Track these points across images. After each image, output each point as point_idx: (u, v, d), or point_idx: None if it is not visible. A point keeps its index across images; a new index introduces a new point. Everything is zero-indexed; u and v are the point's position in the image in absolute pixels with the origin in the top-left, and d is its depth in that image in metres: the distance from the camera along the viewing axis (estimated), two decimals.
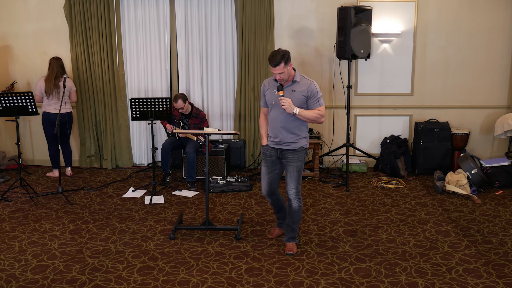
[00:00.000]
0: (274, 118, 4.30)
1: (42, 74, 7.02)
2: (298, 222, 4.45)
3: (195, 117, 6.40)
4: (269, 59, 4.12)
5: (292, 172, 4.31)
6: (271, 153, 4.38)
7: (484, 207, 5.53)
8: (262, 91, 4.40)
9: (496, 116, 6.90)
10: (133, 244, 4.62)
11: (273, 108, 4.30)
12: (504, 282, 3.87)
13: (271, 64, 4.11)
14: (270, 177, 4.42)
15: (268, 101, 4.34)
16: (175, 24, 6.91)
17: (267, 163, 4.41)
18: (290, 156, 4.31)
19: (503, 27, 6.77)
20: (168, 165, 6.37)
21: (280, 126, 4.26)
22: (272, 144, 4.35)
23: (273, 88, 4.27)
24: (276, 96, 4.23)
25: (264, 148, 4.43)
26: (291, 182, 4.34)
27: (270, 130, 4.36)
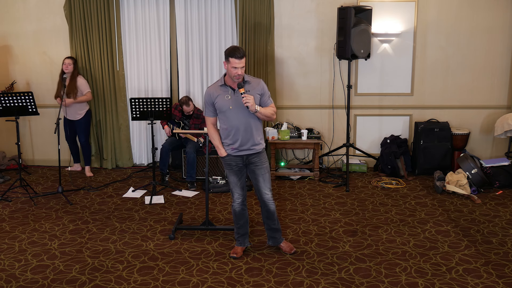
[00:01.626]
0: (233, 124, 4.08)
1: (42, 74, 7.04)
2: (278, 221, 4.42)
3: (196, 118, 6.40)
4: (234, 50, 3.94)
5: (263, 174, 4.21)
6: (236, 162, 4.18)
7: (484, 207, 5.53)
8: (209, 100, 4.13)
9: (496, 116, 6.89)
10: (133, 244, 4.62)
11: (230, 113, 4.07)
12: (504, 282, 3.87)
13: (236, 56, 3.92)
14: (241, 182, 4.28)
15: (221, 108, 4.09)
16: (175, 24, 6.91)
17: (234, 172, 4.22)
18: (258, 159, 4.19)
19: (503, 27, 6.77)
20: (166, 165, 6.38)
21: (242, 130, 4.09)
22: (235, 152, 4.15)
23: (224, 93, 4.09)
24: (231, 100, 4.06)
25: (227, 159, 4.20)
26: (265, 186, 4.23)
27: (229, 138, 4.14)
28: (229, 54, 3.96)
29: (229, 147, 4.18)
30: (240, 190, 4.29)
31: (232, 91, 4.09)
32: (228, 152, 4.19)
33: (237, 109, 4.07)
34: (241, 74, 3.99)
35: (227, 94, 4.09)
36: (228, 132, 4.15)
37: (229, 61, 3.97)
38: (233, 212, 4.39)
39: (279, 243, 4.45)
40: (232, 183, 4.29)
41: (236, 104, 4.07)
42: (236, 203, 4.33)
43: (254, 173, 4.23)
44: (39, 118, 6.82)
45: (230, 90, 4.10)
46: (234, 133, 4.12)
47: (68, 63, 6.41)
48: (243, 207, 4.34)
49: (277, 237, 4.44)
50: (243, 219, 4.39)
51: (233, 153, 4.18)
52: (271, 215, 4.33)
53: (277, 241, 4.45)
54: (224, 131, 4.18)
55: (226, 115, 4.11)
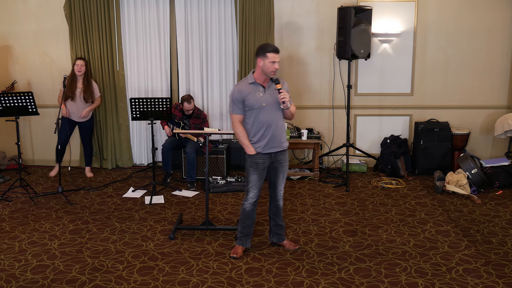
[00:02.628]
0: (264, 121, 4.09)
1: (42, 74, 7.04)
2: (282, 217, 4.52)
3: (196, 117, 6.40)
4: (270, 45, 4.04)
5: (284, 172, 4.30)
6: (264, 160, 4.18)
7: (484, 207, 5.53)
8: (239, 98, 4.09)
9: (496, 116, 6.89)
10: (133, 244, 4.62)
11: (262, 110, 4.08)
12: (504, 282, 3.87)
13: (275, 50, 4.02)
14: (261, 182, 4.28)
15: (253, 106, 4.08)
16: (175, 24, 6.91)
17: (259, 171, 4.20)
18: (283, 156, 4.26)
19: (503, 27, 6.77)
20: (170, 165, 6.38)
21: (273, 128, 4.12)
22: (265, 149, 4.14)
23: (255, 91, 4.10)
24: (264, 97, 4.09)
25: (255, 157, 4.16)
26: (282, 183, 4.33)
27: (259, 135, 4.13)
28: (267, 50, 4.03)
29: (258, 145, 4.16)
30: (257, 190, 4.28)
31: (263, 88, 4.12)
32: (258, 150, 4.16)
33: (270, 106, 4.11)
34: (277, 68, 4.08)
35: (259, 91, 4.11)
36: (258, 130, 4.13)
37: (267, 56, 4.02)
38: (242, 210, 4.37)
39: (283, 240, 4.51)
40: (252, 182, 4.24)
41: (268, 100, 4.10)
42: (249, 202, 4.30)
43: (276, 170, 4.27)
44: (39, 118, 6.82)
45: (261, 87, 4.12)
46: (265, 130, 4.12)
47: (81, 64, 6.33)
48: (253, 208, 4.34)
49: (281, 233, 4.51)
50: (250, 220, 4.38)
51: (263, 151, 4.16)
52: (280, 211, 4.42)
53: (281, 238, 4.52)
54: (252, 129, 4.15)
55: (259, 112, 4.10)
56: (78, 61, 6.38)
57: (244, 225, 4.39)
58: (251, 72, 4.19)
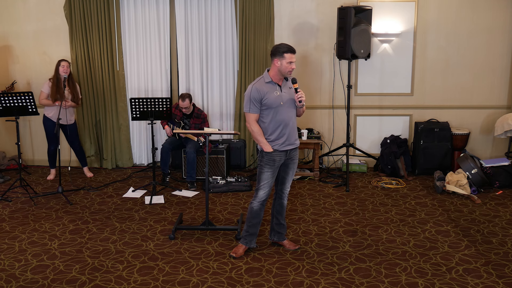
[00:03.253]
0: (282, 119, 4.15)
1: (42, 74, 7.03)
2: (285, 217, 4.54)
3: (196, 117, 6.40)
4: (287, 46, 4.07)
5: (294, 169, 4.38)
6: (280, 157, 4.21)
7: (484, 207, 5.53)
8: (257, 97, 4.12)
9: (496, 116, 6.90)
10: (133, 244, 4.62)
11: (280, 109, 4.14)
12: (504, 282, 3.87)
13: (291, 51, 4.05)
14: (273, 181, 4.32)
15: (271, 105, 4.12)
16: (175, 24, 6.91)
17: (273, 169, 4.23)
18: (295, 153, 4.34)
19: (503, 27, 6.77)
20: (167, 166, 6.38)
21: (289, 126, 4.21)
22: (282, 147, 4.19)
23: (273, 90, 4.15)
24: (281, 96, 4.15)
25: (272, 155, 4.18)
26: (290, 180, 4.40)
27: (276, 133, 4.17)
28: (285, 51, 4.06)
29: (275, 143, 4.20)
30: (268, 189, 4.29)
31: (279, 87, 4.18)
32: (275, 147, 4.20)
33: (288, 105, 4.20)
34: (294, 68, 4.14)
35: (276, 90, 4.17)
36: (275, 128, 4.18)
37: (284, 57, 4.06)
38: (249, 209, 4.36)
39: (283, 239, 4.52)
40: (264, 180, 4.25)
41: (286, 99, 4.18)
42: (257, 202, 4.30)
43: (287, 167, 4.32)
44: (39, 118, 6.81)
45: (277, 86, 4.18)
46: (282, 128, 4.19)
47: (67, 65, 6.29)
48: (261, 207, 4.34)
49: (282, 233, 4.52)
50: (257, 219, 4.38)
51: (280, 148, 4.21)
52: (283, 209, 4.45)
53: (282, 238, 4.53)
54: (269, 127, 4.20)
55: (277, 111, 4.16)
56: (63, 62, 6.28)
57: (250, 224, 4.38)
58: (266, 71, 4.22)
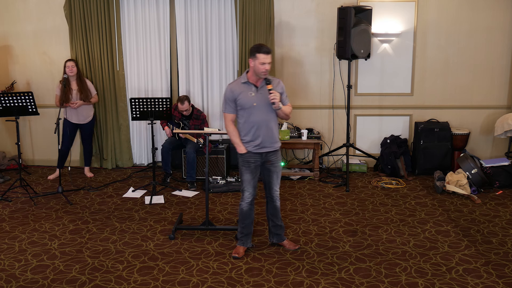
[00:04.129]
0: (255, 121, 4.12)
1: (42, 74, 7.04)
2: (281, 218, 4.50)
3: (195, 118, 6.40)
4: (261, 46, 4.01)
5: (278, 172, 4.30)
6: (255, 159, 4.20)
7: (484, 207, 5.53)
8: (231, 97, 4.14)
9: (496, 116, 6.90)
10: (133, 244, 4.62)
11: (254, 110, 4.11)
12: (504, 282, 3.87)
13: (263, 51, 3.98)
14: (255, 181, 4.30)
15: (244, 105, 4.12)
16: (175, 24, 6.91)
17: (250, 170, 4.23)
18: (275, 157, 4.25)
19: (503, 27, 6.77)
20: (169, 165, 6.38)
21: (264, 128, 4.14)
22: (255, 149, 4.17)
23: (247, 90, 4.12)
24: (255, 97, 4.10)
25: (246, 156, 4.20)
26: (277, 183, 4.33)
27: (250, 135, 4.16)
28: (257, 50, 4.02)
29: (249, 144, 4.19)
30: (252, 189, 4.30)
31: (255, 88, 4.13)
32: (249, 149, 4.20)
33: (261, 106, 4.12)
34: (268, 69, 4.06)
35: (251, 91, 4.13)
36: (249, 129, 4.16)
37: (257, 57, 4.02)
38: (240, 211, 4.38)
39: (283, 240, 4.51)
40: (246, 181, 4.28)
41: (260, 101, 4.12)
42: (245, 202, 4.32)
43: (269, 171, 4.28)
44: (39, 118, 6.82)
45: (253, 87, 4.13)
46: (256, 130, 4.15)
47: (72, 65, 6.31)
48: (250, 207, 4.35)
49: (281, 233, 4.50)
50: (249, 219, 4.39)
51: (253, 150, 4.19)
52: (277, 212, 4.41)
53: (281, 238, 4.51)
54: (244, 128, 4.19)
55: (250, 112, 4.13)
56: (68, 62, 6.32)
57: (243, 225, 4.40)
58: (245, 72, 4.20)
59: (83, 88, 6.41)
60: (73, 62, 6.35)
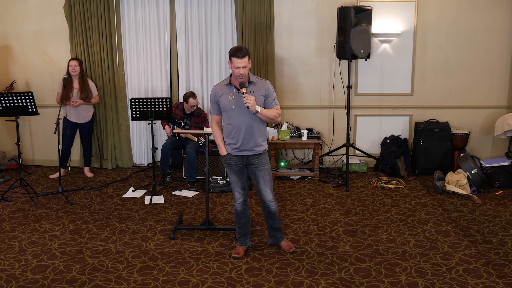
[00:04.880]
0: (234, 124, 4.10)
1: (42, 74, 7.04)
2: (280, 220, 4.44)
3: (197, 116, 6.40)
4: (236, 50, 3.96)
5: (264, 176, 4.21)
6: (236, 161, 4.20)
7: (484, 207, 5.53)
8: (214, 99, 4.17)
9: (496, 116, 6.90)
10: (133, 244, 4.62)
11: (233, 113, 4.09)
12: (504, 282, 3.87)
13: (237, 55, 3.94)
14: (242, 182, 4.28)
15: (224, 107, 4.12)
16: (175, 24, 6.91)
17: (233, 171, 4.23)
18: (258, 160, 4.19)
19: (503, 27, 6.77)
20: (167, 166, 6.38)
21: (243, 131, 4.10)
22: (236, 152, 4.16)
23: (228, 92, 4.11)
24: (235, 99, 4.09)
25: (227, 158, 4.21)
26: (266, 187, 4.23)
27: (231, 137, 4.15)
28: (232, 54, 4.00)
29: (230, 146, 4.20)
30: (240, 189, 4.30)
31: (236, 90, 4.12)
32: (229, 151, 4.21)
33: (240, 109, 4.09)
34: (243, 73, 4.01)
35: (231, 93, 4.12)
36: (229, 131, 4.17)
37: (232, 60, 4.01)
38: (234, 211, 4.40)
39: (279, 241, 4.48)
40: (233, 183, 4.31)
41: (238, 104, 4.09)
42: (237, 203, 4.34)
43: (254, 174, 4.24)
44: (39, 118, 6.82)
45: (235, 89, 4.12)
46: (235, 132, 4.13)
47: (74, 64, 6.33)
48: (244, 207, 4.35)
49: (277, 236, 4.47)
50: (245, 219, 4.39)
51: (233, 153, 4.20)
52: (272, 215, 4.35)
53: (278, 240, 4.48)
54: (226, 130, 4.21)
55: (229, 114, 4.14)
56: (71, 61, 6.35)
57: (239, 225, 4.40)
58: (230, 74, 4.17)
59: (84, 88, 6.42)
60: (77, 61, 6.37)
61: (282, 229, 4.57)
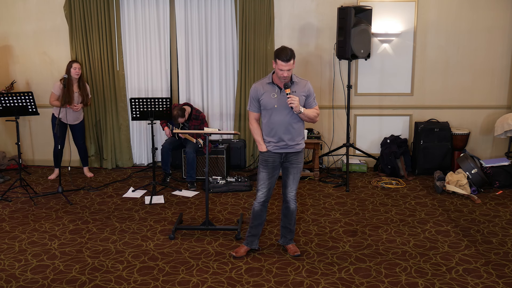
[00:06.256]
0: (276, 122, 4.13)
1: (42, 74, 7.04)
2: (295, 223, 4.44)
3: (195, 119, 6.39)
4: (280, 53, 3.96)
5: (295, 174, 4.27)
6: (274, 158, 4.21)
7: (484, 207, 5.53)
8: (255, 96, 4.17)
9: (496, 116, 6.90)
10: (133, 244, 4.62)
11: (274, 111, 4.12)
12: (504, 282, 3.87)
13: (282, 58, 3.94)
14: (271, 182, 4.28)
15: (266, 106, 4.14)
16: (175, 24, 6.91)
17: (268, 169, 4.23)
18: (295, 158, 4.24)
19: (503, 27, 6.77)
20: (169, 165, 6.38)
21: (284, 129, 4.14)
22: (276, 149, 4.18)
23: (271, 91, 4.13)
24: (277, 98, 4.11)
25: (265, 155, 4.22)
26: (293, 184, 4.28)
27: (271, 135, 4.17)
28: (277, 56, 3.98)
29: (270, 144, 4.20)
30: (266, 190, 4.27)
31: (278, 89, 4.12)
32: (269, 148, 4.21)
33: (282, 108, 4.11)
34: (287, 76, 4.02)
35: (274, 92, 4.13)
36: (270, 130, 4.18)
37: (277, 62, 4.00)
38: (252, 210, 4.37)
39: (288, 243, 4.46)
40: (261, 180, 4.26)
41: (281, 103, 4.10)
42: (257, 202, 4.30)
43: (287, 170, 4.26)
44: (39, 118, 6.81)
45: (277, 88, 4.13)
46: (276, 130, 4.15)
47: (78, 67, 6.30)
48: (262, 208, 4.33)
49: (288, 237, 4.46)
50: (259, 220, 4.36)
51: (273, 150, 4.20)
52: (290, 213, 4.36)
53: (287, 242, 4.47)
54: (266, 128, 4.21)
55: (270, 113, 4.15)
56: (75, 64, 6.30)
57: (252, 225, 4.38)
58: (272, 72, 4.19)
59: (84, 92, 6.42)
60: (79, 64, 6.36)
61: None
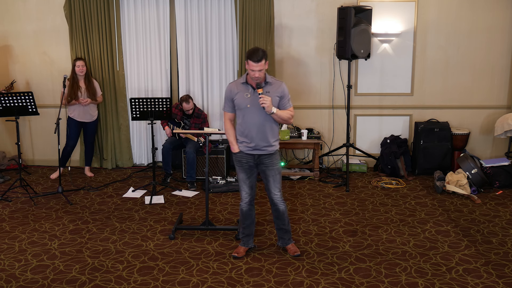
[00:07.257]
0: (248, 122, 4.12)
1: (42, 74, 7.04)
2: (288, 222, 4.42)
3: (196, 117, 6.40)
4: (251, 54, 3.97)
5: (274, 176, 4.23)
6: (247, 159, 4.20)
7: (484, 207, 5.53)
8: (228, 96, 4.18)
9: (496, 116, 6.90)
10: (133, 244, 4.62)
11: (247, 112, 4.11)
12: (504, 282, 3.87)
13: (252, 59, 3.95)
14: (251, 181, 4.28)
15: (239, 106, 4.13)
16: (175, 24, 6.91)
17: (244, 169, 4.23)
18: (269, 160, 4.20)
19: (503, 27, 6.77)
20: (170, 165, 6.38)
21: (257, 130, 4.12)
22: (248, 150, 4.17)
23: (244, 91, 4.12)
24: (250, 98, 4.09)
25: (238, 156, 4.22)
26: (275, 187, 4.24)
27: (244, 135, 4.16)
28: (248, 57, 4.00)
29: (242, 145, 4.20)
30: (248, 189, 4.28)
31: (252, 89, 4.12)
32: (241, 149, 4.20)
33: (254, 109, 4.09)
34: (258, 76, 4.01)
35: (247, 92, 4.13)
36: (243, 130, 4.17)
37: (248, 62, 4.02)
38: (240, 211, 4.39)
39: (287, 244, 4.44)
40: (241, 181, 4.29)
41: (253, 103, 4.09)
42: (243, 203, 4.32)
43: (264, 173, 4.25)
44: (39, 118, 6.82)
45: (251, 88, 4.12)
46: (248, 131, 4.14)
47: (82, 65, 6.34)
48: (250, 207, 4.34)
49: (285, 238, 4.44)
50: (249, 220, 4.37)
51: (245, 151, 4.19)
52: (281, 215, 4.33)
53: (285, 242, 4.45)
54: (239, 128, 4.21)
55: (243, 113, 4.14)
56: (78, 61, 6.37)
57: (244, 225, 4.39)
58: (246, 72, 4.18)
59: (91, 87, 6.44)
60: (83, 61, 6.40)
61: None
